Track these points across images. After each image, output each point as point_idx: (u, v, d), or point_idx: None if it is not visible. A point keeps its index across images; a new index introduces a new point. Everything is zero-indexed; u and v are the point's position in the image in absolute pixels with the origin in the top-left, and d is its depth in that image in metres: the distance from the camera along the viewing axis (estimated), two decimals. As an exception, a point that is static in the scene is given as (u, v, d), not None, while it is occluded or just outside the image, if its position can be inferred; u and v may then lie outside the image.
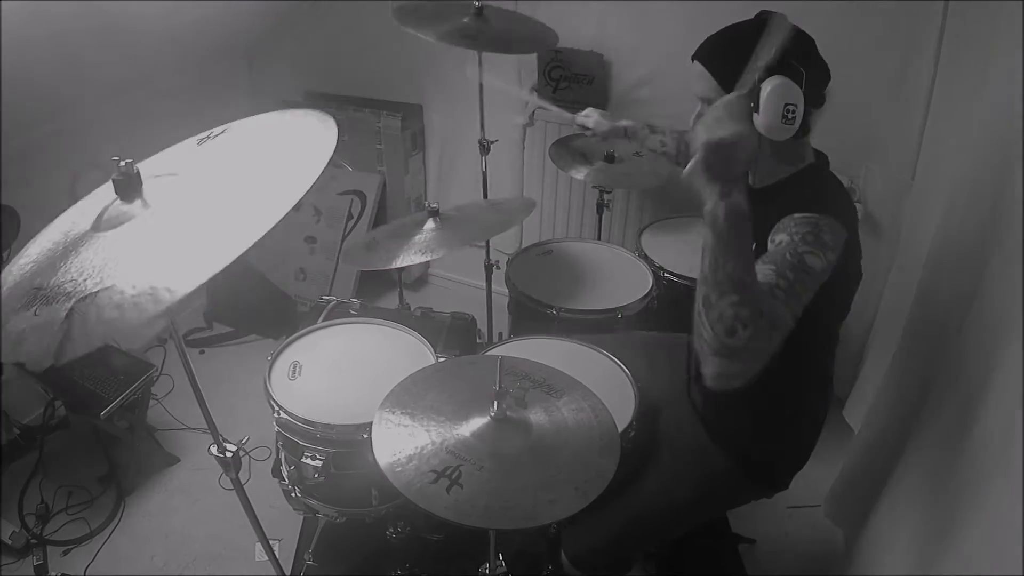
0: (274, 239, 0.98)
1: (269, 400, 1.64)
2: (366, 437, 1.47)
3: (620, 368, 1.71)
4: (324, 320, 1.97)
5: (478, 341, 2.35)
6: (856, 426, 2.12)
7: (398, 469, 1.21)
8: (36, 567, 2.04)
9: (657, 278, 2.13)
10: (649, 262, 2.19)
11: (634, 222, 2.81)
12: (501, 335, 2.44)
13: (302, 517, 2.08)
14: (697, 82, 1.34)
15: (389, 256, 1.80)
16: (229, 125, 1.21)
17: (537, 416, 1.34)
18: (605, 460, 1.27)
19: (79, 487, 2.28)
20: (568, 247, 2.34)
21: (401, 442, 1.27)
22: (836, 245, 1.20)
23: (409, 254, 1.78)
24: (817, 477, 1.79)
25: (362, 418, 1.53)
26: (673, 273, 2.13)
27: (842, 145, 1.45)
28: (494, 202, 2.33)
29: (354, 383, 1.72)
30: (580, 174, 2.38)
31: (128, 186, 1.02)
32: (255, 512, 1.39)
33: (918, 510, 1.37)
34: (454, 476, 1.19)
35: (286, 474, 1.73)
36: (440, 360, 1.74)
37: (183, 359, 1.20)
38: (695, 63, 1.35)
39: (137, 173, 1.02)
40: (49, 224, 1.18)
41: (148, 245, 0.99)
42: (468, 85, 2.25)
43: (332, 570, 1.97)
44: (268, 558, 1.54)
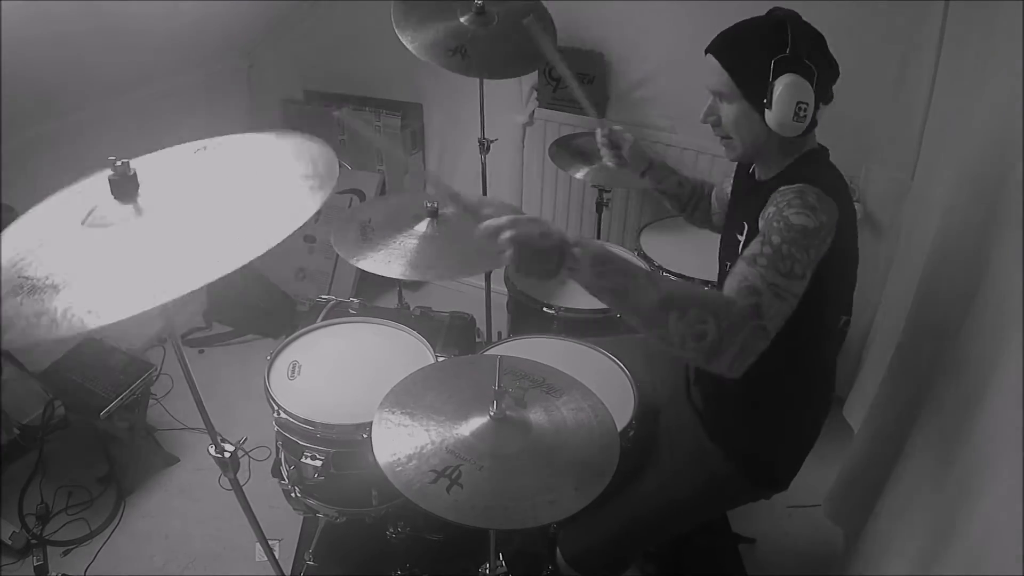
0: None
1: (269, 400, 1.64)
2: (366, 437, 1.47)
3: (620, 368, 1.71)
4: (323, 319, 1.97)
5: (477, 341, 2.35)
6: (856, 426, 2.12)
7: (398, 469, 1.21)
8: (36, 567, 2.04)
9: (657, 278, 2.12)
10: (648, 261, 2.19)
11: (633, 221, 2.81)
12: (500, 335, 2.43)
13: (302, 517, 2.08)
14: (710, 75, 1.34)
15: (381, 258, 1.73)
16: (224, 139, 1.17)
17: (537, 416, 1.34)
18: (605, 460, 1.27)
19: (79, 487, 2.28)
20: (568, 247, 2.33)
21: (401, 442, 1.27)
22: (826, 210, 1.20)
23: (402, 264, 1.71)
24: (817, 477, 1.79)
25: (362, 418, 1.53)
26: (672, 272, 2.13)
27: (842, 145, 1.45)
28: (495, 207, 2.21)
29: (353, 383, 1.72)
30: (580, 173, 2.38)
31: (124, 187, 1.01)
32: (254, 512, 1.39)
33: (918, 510, 1.37)
34: (454, 476, 1.19)
35: (286, 474, 1.73)
36: (439, 360, 1.74)
37: (180, 360, 1.20)
38: (708, 56, 1.34)
39: (134, 175, 1.02)
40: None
41: (118, 259, 0.94)
42: (468, 84, 2.25)
43: (332, 570, 1.96)
44: (268, 558, 1.54)
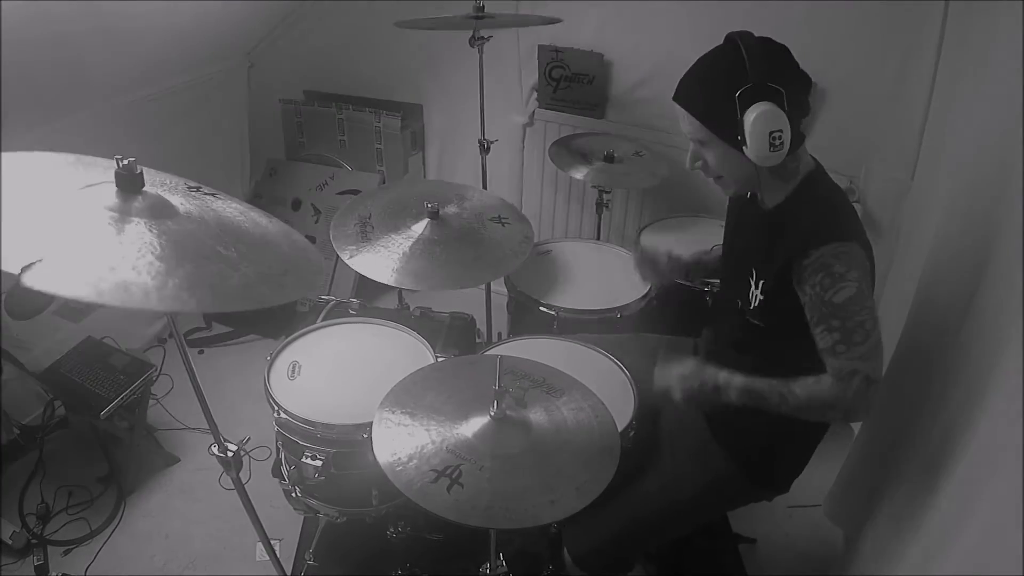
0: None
1: (269, 400, 1.64)
2: (366, 437, 1.47)
3: (620, 368, 1.71)
4: (323, 320, 1.97)
5: (477, 341, 2.35)
6: (856, 426, 2.12)
7: (398, 468, 1.21)
8: (36, 567, 2.04)
9: (657, 278, 2.12)
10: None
11: (633, 222, 2.81)
12: (500, 335, 2.43)
13: (303, 517, 2.08)
14: (683, 124, 1.36)
15: (381, 263, 1.70)
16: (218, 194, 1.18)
17: (537, 416, 1.34)
18: (605, 460, 1.27)
19: (79, 487, 2.27)
20: (567, 247, 2.34)
21: (401, 441, 1.27)
22: (853, 262, 1.23)
23: (398, 272, 1.69)
24: (817, 477, 1.79)
25: (362, 418, 1.53)
26: (673, 273, 2.12)
27: (842, 145, 1.45)
28: (496, 210, 2.00)
29: (354, 383, 1.72)
30: (580, 174, 2.38)
31: (129, 184, 1.01)
32: (256, 512, 1.39)
33: (918, 510, 1.37)
34: (454, 476, 1.19)
35: (286, 474, 1.73)
36: (439, 360, 1.74)
37: (184, 360, 1.20)
38: (676, 105, 1.35)
39: (140, 173, 1.02)
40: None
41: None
42: (468, 85, 2.25)
43: (332, 570, 1.96)
44: (269, 558, 1.54)
